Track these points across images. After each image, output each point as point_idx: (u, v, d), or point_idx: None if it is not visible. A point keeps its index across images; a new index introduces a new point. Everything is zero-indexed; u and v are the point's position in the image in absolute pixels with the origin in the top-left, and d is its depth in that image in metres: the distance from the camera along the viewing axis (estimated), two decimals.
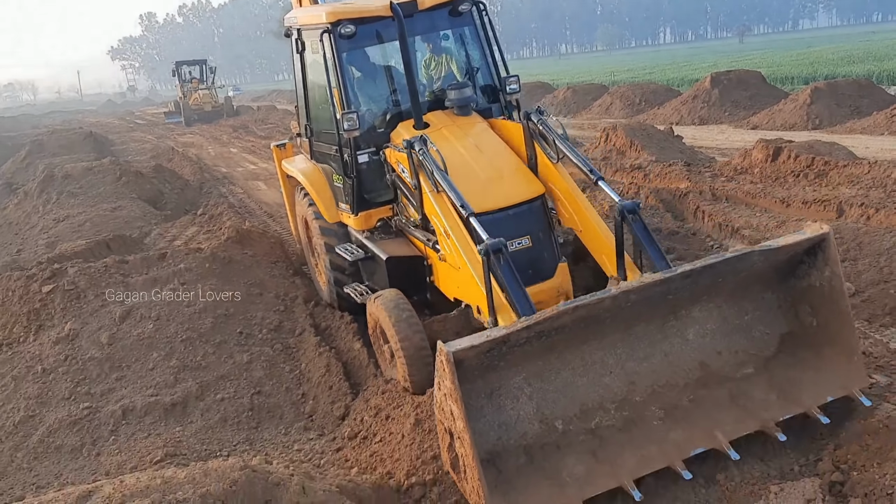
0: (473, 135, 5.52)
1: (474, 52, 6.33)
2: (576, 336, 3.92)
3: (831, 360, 4.14)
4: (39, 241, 10.46)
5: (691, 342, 4.29)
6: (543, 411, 3.96)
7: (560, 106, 27.29)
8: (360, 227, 6.05)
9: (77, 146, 21.73)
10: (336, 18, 5.72)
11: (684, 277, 3.83)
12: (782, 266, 4.29)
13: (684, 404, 4.05)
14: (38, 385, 5.36)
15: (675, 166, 11.00)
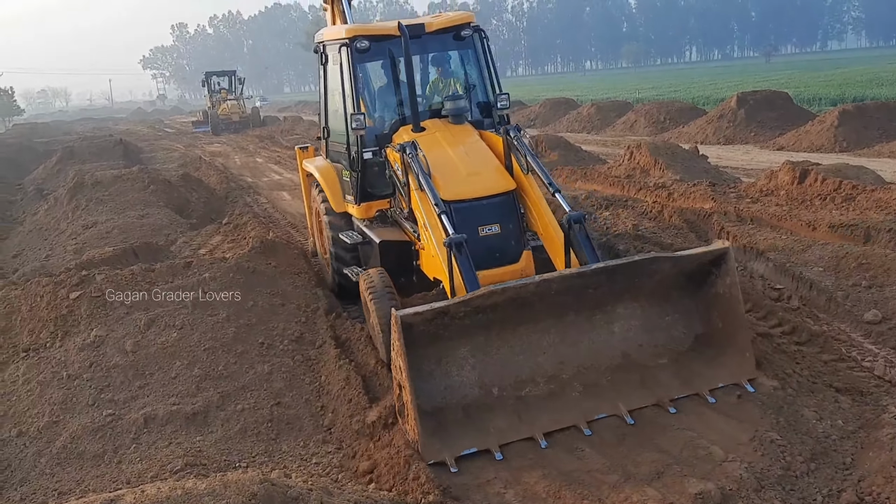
0: (462, 140, 6.34)
1: (472, 72, 7.21)
2: (512, 318, 4.76)
3: (729, 356, 4.93)
4: (68, 247, 10.62)
5: (616, 335, 5.08)
6: (483, 379, 4.80)
7: (584, 122, 27.30)
8: (361, 216, 7.03)
9: (107, 153, 22.08)
10: (353, 34, 6.68)
11: (597, 273, 4.67)
12: (694, 275, 5.09)
13: (602, 383, 4.86)
14: (62, 391, 5.43)
15: (699, 186, 10.95)
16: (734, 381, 4.79)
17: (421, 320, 4.39)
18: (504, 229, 5.69)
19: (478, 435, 4.48)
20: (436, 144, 6.16)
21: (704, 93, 39.07)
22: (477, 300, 4.46)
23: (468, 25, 7.01)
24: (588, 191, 12.32)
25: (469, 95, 7.06)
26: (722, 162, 15.47)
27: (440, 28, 6.93)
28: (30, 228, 13.03)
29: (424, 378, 4.62)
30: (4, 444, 5.07)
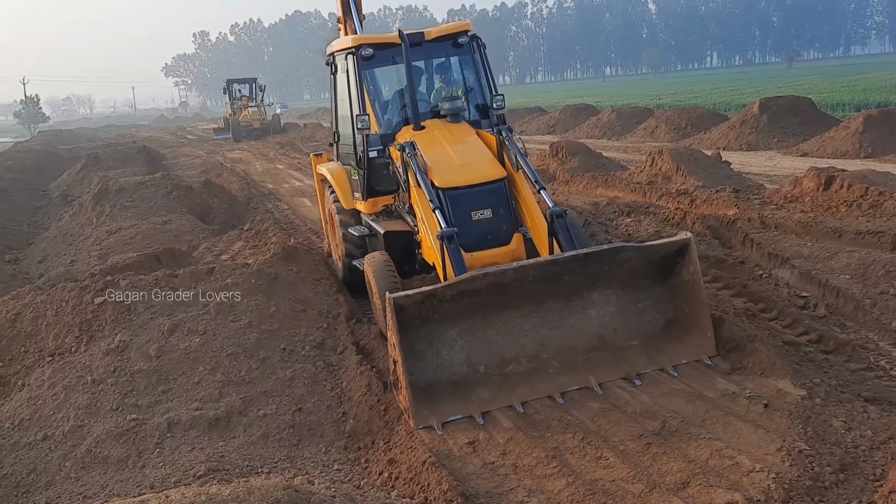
0: (459, 136, 6.85)
1: (470, 76, 7.76)
2: (496, 302, 5.32)
3: (692, 336, 5.50)
4: (92, 253, 10.73)
5: (593, 319, 5.61)
6: (471, 359, 5.35)
7: (604, 128, 27.17)
8: (368, 211, 7.58)
9: (131, 160, 22.31)
10: (359, 43, 7.29)
11: (570, 261, 5.27)
12: (662, 264, 5.66)
13: (578, 361, 5.37)
14: (87, 395, 5.47)
15: (722, 192, 10.86)
16: (696, 357, 5.38)
17: (411, 302, 5.02)
18: (496, 214, 6.21)
19: (463, 404, 5.05)
20: (434, 140, 6.73)
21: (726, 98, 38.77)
22: (461, 284, 5.08)
23: (465, 33, 7.55)
24: (609, 197, 12.26)
25: (467, 97, 7.62)
26: (745, 168, 15.33)
27: (439, 36, 7.51)
28: (55, 234, 13.18)
29: (418, 357, 5.21)
30: (30, 448, 5.11)
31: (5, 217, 14.90)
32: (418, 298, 5.01)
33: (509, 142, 6.45)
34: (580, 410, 4.87)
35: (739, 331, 5.48)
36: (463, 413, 4.96)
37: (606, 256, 5.40)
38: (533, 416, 4.88)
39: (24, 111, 74.68)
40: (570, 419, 4.77)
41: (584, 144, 17.80)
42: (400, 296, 4.96)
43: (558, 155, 16.44)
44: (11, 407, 5.58)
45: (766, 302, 6.57)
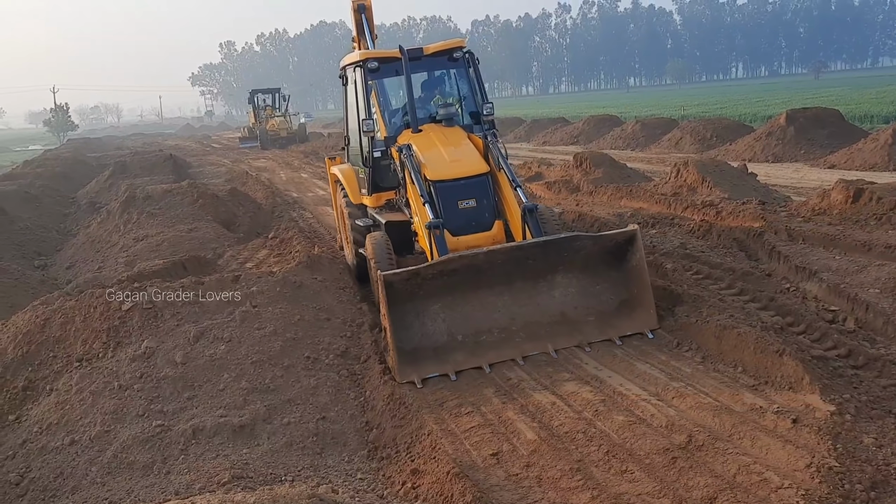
0: (450, 138, 7.73)
1: (464, 87, 8.61)
2: (472, 282, 6.33)
3: (638, 312, 6.48)
4: (119, 259, 10.86)
5: (557, 299, 6.59)
6: (451, 330, 6.33)
7: (628, 139, 27.05)
8: (372, 205, 8.50)
9: (158, 168, 22.59)
10: (365, 57, 8.26)
11: (532, 246, 6.33)
12: (615, 252, 6.64)
13: (541, 333, 6.35)
14: (114, 401, 5.52)
15: (748, 204, 10.76)
16: (639, 330, 6.36)
17: (399, 279, 6.05)
18: (479, 203, 7.16)
19: (441, 365, 6.06)
20: (429, 142, 7.62)
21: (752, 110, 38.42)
22: (440, 265, 6.14)
23: (459, 49, 8.45)
24: (633, 208, 12.19)
25: (461, 105, 8.56)
26: (771, 180, 15.17)
27: (436, 51, 8.43)
28: (83, 241, 13.37)
29: (406, 327, 6.21)
30: (57, 452, 5.16)
31: (35, 224, 15.14)
32: (405, 276, 6.07)
33: (493, 145, 7.47)
34: (605, 423, 4.83)
35: (767, 345, 5.42)
36: (440, 371, 6.00)
37: (564, 243, 6.47)
38: (557, 427, 4.85)
39: (53, 119, 75.90)
40: (594, 432, 4.73)
41: (608, 155, 17.72)
42: (389, 273, 6.04)
43: (582, 166, 16.38)
44: (40, 411, 5.64)
45: (793, 315, 6.48)
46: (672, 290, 7.01)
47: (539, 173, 17.80)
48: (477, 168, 7.27)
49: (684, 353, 5.93)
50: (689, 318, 6.27)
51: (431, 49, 8.43)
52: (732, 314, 6.17)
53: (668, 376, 5.49)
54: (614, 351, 6.11)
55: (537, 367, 5.95)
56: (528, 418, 5.07)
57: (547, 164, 19.38)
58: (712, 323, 6.00)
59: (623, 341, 6.23)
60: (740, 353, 5.55)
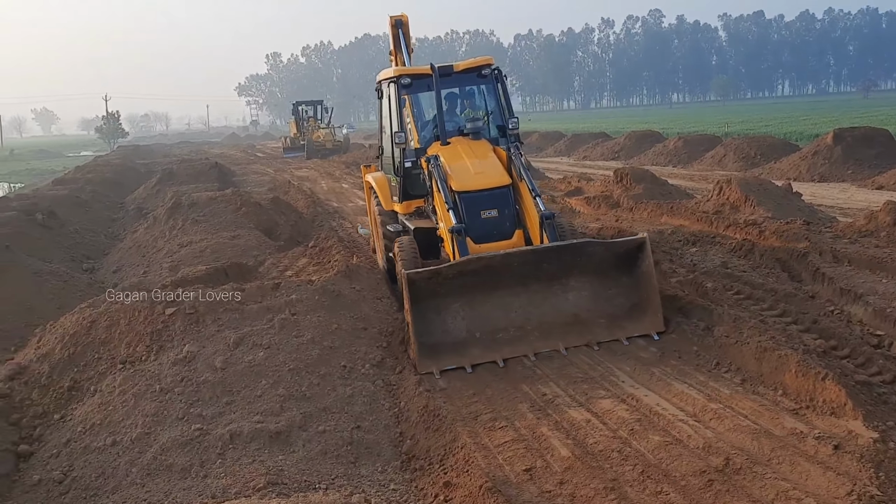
0: (476, 150, 8.19)
1: (491, 102, 9.13)
2: (489, 283, 6.75)
3: (647, 316, 6.83)
4: (164, 265, 11.10)
5: (570, 301, 7.00)
6: (470, 327, 6.76)
7: (670, 156, 26.82)
8: (403, 212, 9.02)
9: (203, 176, 23.03)
10: (399, 74, 8.80)
11: (547, 251, 6.86)
12: (626, 258, 7.03)
13: (554, 332, 6.74)
14: (155, 403, 5.63)
15: (793, 224, 10.57)
16: (646, 332, 6.72)
17: (421, 277, 6.56)
18: (500, 214, 7.65)
19: (458, 358, 6.49)
20: (456, 154, 8.11)
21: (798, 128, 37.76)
22: (460, 265, 6.66)
23: (488, 66, 8.92)
24: (674, 226, 12.06)
25: (489, 119, 9.01)
26: (816, 200, 14.89)
27: (466, 68, 9.00)
28: (129, 245, 13.69)
29: (428, 322, 6.63)
30: (99, 452, 5.28)
31: (84, 228, 15.55)
32: (426, 275, 6.59)
33: (516, 157, 7.93)
34: (640, 442, 4.79)
35: (809, 368, 5.31)
36: (457, 364, 6.42)
37: (577, 248, 6.95)
38: (592, 445, 4.82)
39: (105, 126, 77.92)
40: (629, 451, 4.69)
41: (650, 171, 17.56)
42: (412, 272, 6.60)
43: (623, 181, 16.27)
44: (84, 411, 5.79)
45: (837, 339, 6.35)
46: (711, 309, 6.92)
47: (579, 188, 17.74)
48: (499, 180, 7.75)
49: (723, 374, 5.84)
50: (729, 339, 6.18)
51: (461, 66, 9.02)
52: (774, 336, 6.06)
53: (706, 397, 5.42)
54: (651, 369, 6.05)
55: (573, 384, 5.92)
56: (562, 435, 5.04)
57: (587, 178, 19.31)
58: (753, 344, 5.90)
59: (630, 341, 6.68)
60: (781, 376, 5.45)
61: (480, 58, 9.16)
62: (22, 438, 5.69)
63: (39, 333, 7.19)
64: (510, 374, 6.30)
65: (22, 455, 5.46)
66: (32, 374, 6.40)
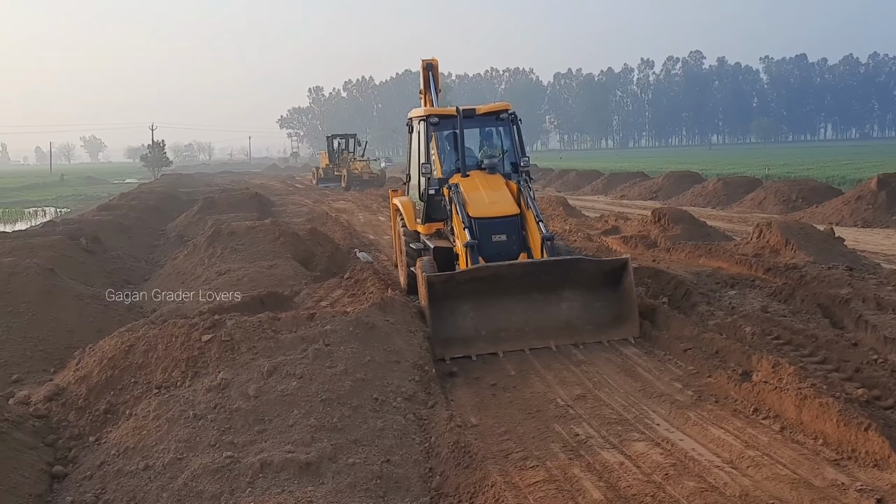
0: (491, 183, 9.57)
1: (507, 142, 10.50)
2: (496, 290, 8.13)
3: (625, 323, 8.18)
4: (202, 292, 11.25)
5: (564, 310, 8.33)
6: (477, 326, 8.14)
7: (709, 197, 26.59)
8: (425, 233, 10.28)
9: (243, 205, 23.41)
10: (428, 113, 10.20)
11: (545, 264, 8.32)
12: (612, 275, 8.39)
13: (547, 334, 8.06)
14: (188, 429, 5.67)
15: (835, 270, 10.36)
16: (625, 337, 8.07)
17: (438, 281, 8.06)
18: (509, 238, 8.97)
19: (466, 349, 7.93)
20: (473, 185, 9.49)
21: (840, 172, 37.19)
22: (471, 272, 8.16)
23: (505, 111, 10.29)
24: (712, 268, 11.90)
25: (503, 156, 10.35)
26: (860, 246, 14.59)
27: (486, 112, 10.35)
28: (169, 271, 13.93)
29: (443, 320, 8.05)
30: (132, 476, 5.32)
31: (126, 253, 15.89)
32: (443, 279, 8.11)
33: (525, 190, 9.28)
34: (675, 487, 4.68)
35: (851, 417, 5.16)
36: (465, 353, 7.84)
37: (570, 264, 8.44)
38: (625, 489, 4.73)
39: (149, 155, 79.84)
40: (663, 496, 4.59)
41: (688, 212, 17.42)
42: (432, 276, 8.08)
43: (660, 221, 16.15)
44: (118, 434, 5.85)
45: (881, 389, 6.16)
46: (749, 354, 6.78)
47: (616, 227, 17.64)
48: (509, 210, 9.12)
49: (761, 421, 5.71)
50: (768, 384, 6.05)
51: (482, 109, 10.38)
52: (815, 383, 5.90)
53: (743, 444, 5.29)
54: (687, 413, 5.94)
55: (606, 425, 5.84)
56: (594, 477, 4.96)
57: (624, 218, 19.20)
58: (793, 391, 5.76)
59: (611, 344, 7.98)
60: (822, 425, 5.30)
61: (499, 103, 10.47)
62: (57, 459, 5.76)
63: (79, 356, 7.31)
64: (542, 413, 6.24)
65: (56, 476, 5.53)
66: (70, 396, 6.51)
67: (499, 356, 7.71)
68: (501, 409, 6.45)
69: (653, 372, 7.14)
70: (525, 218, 9.06)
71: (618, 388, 6.72)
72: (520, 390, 6.91)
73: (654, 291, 10.23)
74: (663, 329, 8.18)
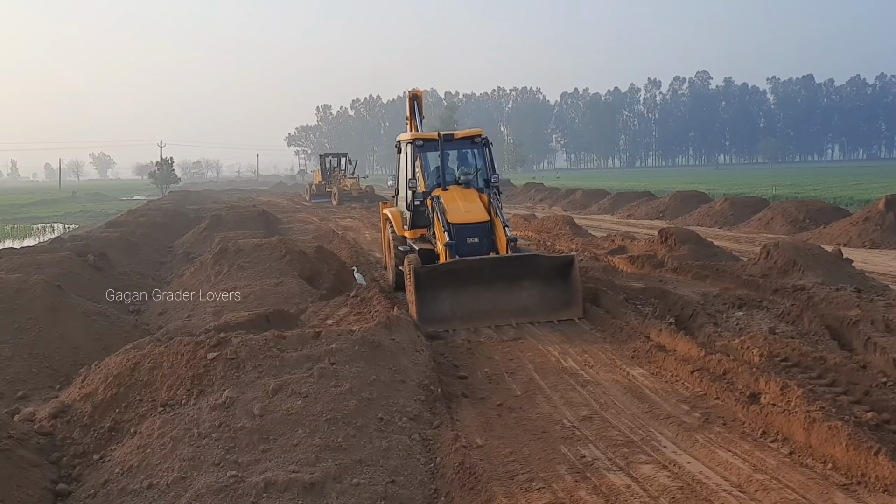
0: (467, 196, 11.60)
1: (480, 162, 12.57)
2: (469, 280, 10.12)
3: (572, 308, 10.18)
4: (207, 309, 11.25)
5: (524, 297, 10.30)
6: (453, 309, 10.08)
7: (716, 217, 26.53)
8: (410, 237, 12.29)
9: (250, 223, 23.47)
10: (414, 137, 12.44)
11: (508, 259, 10.37)
12: (562, 269, 10.49)
13: (509, 314, 10.01)
14: (192, 448, 5.65)
15: (843, 291, 10.31)
16: (570, 318, 10.05)
17: (423, 271, 10.06)
18: (481, 240, 11.00)
19: (443, 325, 9.85)
20: (451, 197, 11.50)
21: (848, 193, 37.09)
22: (450, 265, 10.27)
23: (479, 136, 12.51)
24: (720, 288, 11.84)
25: (477, 173, 12.38)
26: (868, 267, 14.52)
27: (463, 136, 12.61)
28: (175, 289, 13.93)
29: (426, 304, 9.93)
30: (135, 495, 5.29)
31: (133, 270, 15.91)
32: (427, 270, 10.13)
33: (495, 201, 11.42)
34: None
35: (861, 442, 5.11)
36: (443, 329, 9.74)
37: (528, 259, 10.60)
38: None
39: (158, 172, 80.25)
40: None
41: (695, 232, 17.37)
42: (418, 267, 10.16)
43: (667, 241, 16.11)
44: (123, 452, 5.83)
45: (890, 412, 6.10)
46: (756, 376, 6.74)
47: (622, 247, 17.61)
48: (481, 217, 11.21)
49: (769, 444, 5.66)
50: (776, 407, 6.00)
51: (460, 134, 12.66)
52: (823, 406, 5.85)
53: (751, 467, 5.24)
54: (694, 435, 5.89)
55: (613, 447, 5.79)
56: (601, 500, 4.91)
57: (631, 237, 19.17)
58: (801, 414, 5.72)
59: (561, 323, 9.87)
60: (832, 449, 5.25)
61: (474, 129, 12.93)
62: (61, 477, 5.73)
63: (84, 372, 7.30)
64: (548, 434, 6.20)
65: (60, 494, 5.50)
66: (75, 413, 6.49)
67: (505, 378, 7.91)
68: (507, 430, 6.42)
69: (660, 393, 7.10)
70: (494, 224, 11.11)
71: (624, 410, 6.68)
72: (526, 411, 6.88)
73: (661, 312, 10.20)
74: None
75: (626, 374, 7.73)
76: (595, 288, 11.36)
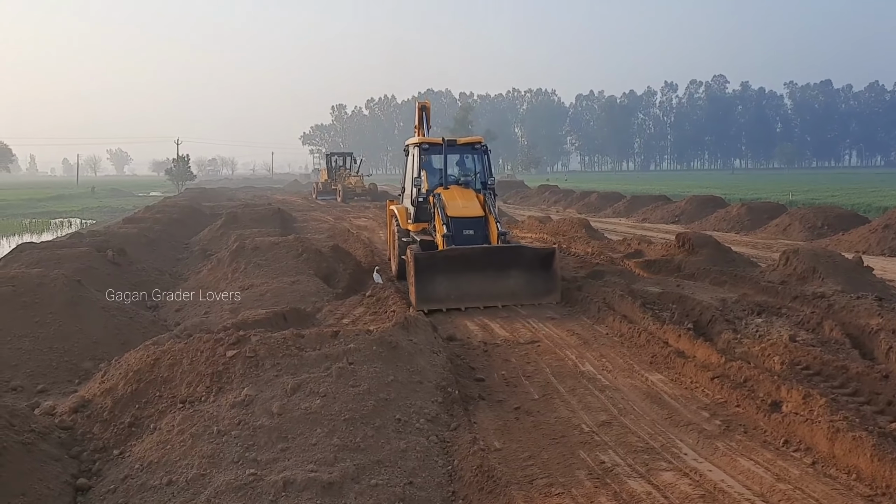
0: (466, 195, 12.88)
1: (479, 165, 14.01)
2: (464, 267, 11.39)
3: (551, 293, 11.64)
4: (225, 306, 11.30)
5: (511, 284, 11.58)
6: (448, 291, 11.29)
7: (733, 222, 26.32)
8: (413, 230, 13.36)
9: (266, 221, 23.54)
10: (421, 142, 13.91)
11: (497, 249, 11.80)
12: (545, 260, 11.88)
13: (497, 298, 11.41)
14: (211, 445, 5.66)
15: (864, 299, 10.20)
16: (549, 302, 11.42)
17: (423, 257, 11.19)
18: (475, 233, 12.19)
19: (439, 305, 11.05)
20: (452, 195, 12.75)
21: (866, 199, 36.76)
22: (447, 252, 11.49)
23: (479, 143, 14.06)
24: (738, 295, 11.75)
25: (475, 176, 13.83)
26: (888, 275, 14.36)
27: (465, 142, 14.24)
28: (192, 285, 14.00)
29: (425, 286, 11.04)
30: (155, 491, 5.31)
31: (150, 266, 16.01)
32: (427, 255, 11.35)
33: (490, 201, 12.72)
34: None
35: (886, 452, 5.05)
36: (438, 307, 10.99)
37: (515, 250, 12.16)
38: None
39: (174, 169, 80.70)
40: None
41: (712, 237, 17.24)
42: (418, 253, 11.32)
43: (684, 246, 15.99)
44: (142, 448, 5.85)
45: None
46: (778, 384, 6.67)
47: (639, 251, 17.51)
48: (477, 213, 12.47)
49: (792, 453, 5.60)
50: (799, 416, 5.94)
51: (462, 141, 14.28)
52: (847, 416, 5.79)
53: (774, 476, 5.19)
54: (716, 443, 5.84)
55: (633, 453, 5.75)
56: None
57: (647, 241, 19.07)
58: (824, 423, 5.66)
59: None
60: (856, 459, 5.19)
61: (474, 136, 14.60)
62: (81, 472, 5.77)
63: (105, 368, 7.34)
64: (567, 439, 6.17)
65: (80, 489, 5.53)
66: (95, 408, 6.52)
67: (522, 381, 7.93)
68: (525, 434, 6.39)
69: (679, 399, 7.05)
70: (488, 220, 12.39)
71: (643, 415, 6.63)
72: (544, 415, 6.85)
73: (679, 317, 10.12)
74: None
75: (645, 380, 7.68)
76: (611, 291, 11.30)
